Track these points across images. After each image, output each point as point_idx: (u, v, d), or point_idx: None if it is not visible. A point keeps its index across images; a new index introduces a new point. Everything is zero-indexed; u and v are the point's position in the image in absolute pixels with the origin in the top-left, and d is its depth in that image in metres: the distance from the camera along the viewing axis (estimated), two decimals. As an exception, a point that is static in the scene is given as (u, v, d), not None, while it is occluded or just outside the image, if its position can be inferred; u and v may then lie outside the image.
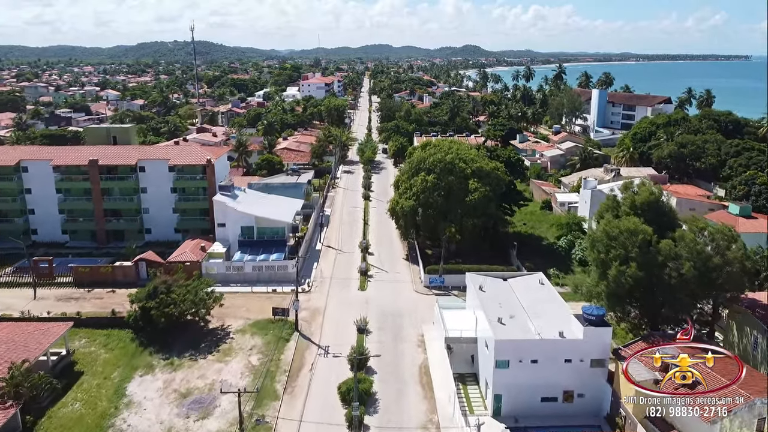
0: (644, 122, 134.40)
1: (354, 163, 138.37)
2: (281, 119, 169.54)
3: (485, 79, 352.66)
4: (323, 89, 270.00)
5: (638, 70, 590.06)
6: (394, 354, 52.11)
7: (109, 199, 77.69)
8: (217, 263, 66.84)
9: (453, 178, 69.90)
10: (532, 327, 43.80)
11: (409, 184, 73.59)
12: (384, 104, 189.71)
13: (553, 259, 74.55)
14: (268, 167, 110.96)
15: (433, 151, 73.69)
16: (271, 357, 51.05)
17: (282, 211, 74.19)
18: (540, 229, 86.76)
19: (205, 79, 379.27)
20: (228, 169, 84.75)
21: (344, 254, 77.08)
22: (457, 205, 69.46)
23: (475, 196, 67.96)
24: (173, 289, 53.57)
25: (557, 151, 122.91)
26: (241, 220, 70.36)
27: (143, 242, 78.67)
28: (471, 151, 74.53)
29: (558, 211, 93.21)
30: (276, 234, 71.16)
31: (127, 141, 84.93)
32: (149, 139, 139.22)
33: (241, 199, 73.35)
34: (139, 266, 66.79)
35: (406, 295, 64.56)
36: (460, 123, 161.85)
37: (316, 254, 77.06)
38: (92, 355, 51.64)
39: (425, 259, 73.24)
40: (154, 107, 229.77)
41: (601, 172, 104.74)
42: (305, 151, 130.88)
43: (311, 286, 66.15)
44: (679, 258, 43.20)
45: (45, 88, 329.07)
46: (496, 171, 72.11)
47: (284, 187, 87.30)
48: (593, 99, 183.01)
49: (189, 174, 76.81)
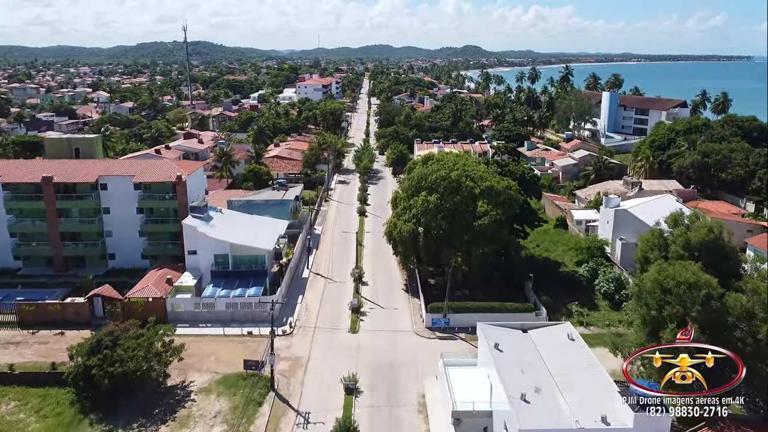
0: (662, 128, 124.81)
1: (350, 172, 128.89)
2: (274, 124, 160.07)
3: (487, 80, 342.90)
4: (321, 91, 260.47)
5: (640, 71, 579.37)
6: (388, 423, 42.58)
7: (67, 220, 68.12)
8: (185, 300, 57.33)
9: (459, 199, 60.46)
10: (565, 405, 34.27)
11: (409, 204, 64.17)
12: (383, 108, 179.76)
13: (573, 290, 65.05)
14: (254, 179, 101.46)
15: (436, 167, 64.23)
16: (237, 428, 41.57)
17: (263, 235, 64.64)
18: (555, 252, 77.20)
19: (200, 81, 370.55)
20: (205, 184, 75.21)
21: (335, 284, 67.53)
22: (463, 230, 60.03)
23: (484, 220, 58.50)
24: (121, 342, 44.07)
25: (570, 160, 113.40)
26: (214, 248, 60.86)
27: (106, 269, 69.26)
28: (479, 167, 64.97)
29: (574, 230, 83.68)
30: (255, 263, 61.65)
31: (91, 153, 75.41)
32: (130, 147, 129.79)
33: (216, 222, 63.85)
34: (94, 303, 57.30)
35: (405, 339, 54.97)
36: (464, 128, 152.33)
37: (302, 283, 67.55)
38: (18, 425, 42.11)
39: (427, 290, 63.84)
40: (143, 110, 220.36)
41: (620, 186, 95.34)
42: (298, 160, 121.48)
43: (294, 327, 56.61)
44: (754, 318, 33.74)
45: (36, 89, 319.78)
46: (509, 190, 62.54)
47: (268, 205, 77.81)
48: (603, 102, 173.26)
49: (157, 192, 67.26)
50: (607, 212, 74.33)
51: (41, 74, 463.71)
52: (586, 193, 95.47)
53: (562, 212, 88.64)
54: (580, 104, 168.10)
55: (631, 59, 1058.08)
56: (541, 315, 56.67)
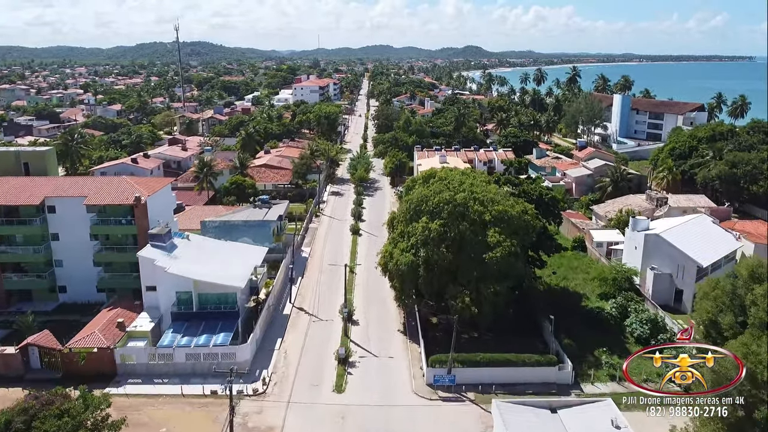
0: (682, 135, 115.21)
1: (345, 182, 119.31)
2: (265, 128, 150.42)
3: (490, 81, 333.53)
4: (317, 93, 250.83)
5: (643, 71, 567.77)
6: None
7: (9, 248, 58.62)
8: (138, 350, 47.79)
9: (466, 226, 50.94)
10: None
11: (407, 230, 54.67)
12: (381, 112, 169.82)
13: (598, 330, 55.47)
14: (237, 192, 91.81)
15: (439, 188, 54.67)
16: None
17: (235, 268, 54.99)
18: (575, 281, 67.59)
19: (195, 81, 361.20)
20: (174, 204, 65.56)
21: (321, 323, 57.97)
22: (471, 263, 50.48)
23: (497, 252, 48.97)
24: (36, 424, 34.53)
25: (584, 170, 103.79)
26: (175, 284, 51.32)
27: (57, 303, 59.78)
28: (489, 188, 55.30)
29: (594, 253, 74.14)
30: (225, 303, 52.08)
31: (43, 169, 65.79)
32: (108, 155, 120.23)
33: (180, 252, 54.25)
34: (29, 354, 47.84)
35: (402, 400, 45.38)
36: (467, 133, 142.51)
37: (282, 322, 58.01)
38: None
39: (429, 331, 54.40)
40: (131, 113, 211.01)
41: (642, 201, 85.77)
42: (288, 169, 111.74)
43: (268, 383, 47.04)
44: None
45: (25, 91, 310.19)
46: (525, 215, 53.03)
47: (247, 226, 68.33)
48: (615, 105, 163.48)
49: (113, 216, 57.68)
50: (635, 236, 64.73)
51: (35, 75, 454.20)
52: (605, 210, 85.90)
53: (580, 232, 79.07)
54: (590, 107, 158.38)
55: (632, 59, 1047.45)
56: (565, 369, 47.23)
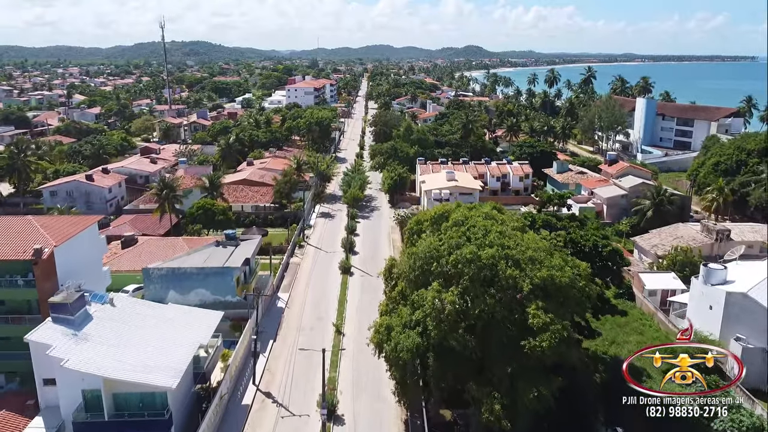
0: (727, 147, 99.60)
1: (336, 199, 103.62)
2: (250, 136, 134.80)
3: (495, 82, 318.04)
4: (312, 95, 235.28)
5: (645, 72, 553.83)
6: None
7: None
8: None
9: (496, 299, 35.50)
10: None
11: (412, 298, 39.19)
12: (379, 118, 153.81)
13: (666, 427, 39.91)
14: (204, 219, 76.13)
15: (456, 236, 38.99)
16: None
17: (171, 352, 39.23)
18: (627, 346, 51.93)
19: (186, 82, 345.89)
20: (103, 250, 50.02)
21: (292, 421, 42.32)
22: (504, 353, 35.10)
23: (543, 341, 33.42)
24: None
25: (617, 190, 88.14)
26: (80, 381, 35.80)
27: (-63, 389, 44.30)
28: (526, 239, 39.43)
29: (647, 304, 58.56)
30: (150, 407, 36.46)
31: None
32: (64, 168, 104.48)
33: (93, 329, 38.58)
34: None
35: None
36: (475, 142, 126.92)
37: (240, 419, 42.41)
38: None
39: (440, 437, 39.02)
40: (110, 117, 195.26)
41: (697, 233, 70.23)
42: (271, 185, 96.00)
43: None
44: None
45: (8, 92, 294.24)
46: (577, 278, 37.38)
47: (203, 275, 52.66)
48: (638, 110, 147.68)
49: (5, 275, 42.11)
50: (709, 292, 49.14)
51: (25, 75, 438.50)
52: (651, 243, 70.30)
53: (628, 275, 63.40)
54: (611, 112, 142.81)
55: (634, 59, 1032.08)
56: None
